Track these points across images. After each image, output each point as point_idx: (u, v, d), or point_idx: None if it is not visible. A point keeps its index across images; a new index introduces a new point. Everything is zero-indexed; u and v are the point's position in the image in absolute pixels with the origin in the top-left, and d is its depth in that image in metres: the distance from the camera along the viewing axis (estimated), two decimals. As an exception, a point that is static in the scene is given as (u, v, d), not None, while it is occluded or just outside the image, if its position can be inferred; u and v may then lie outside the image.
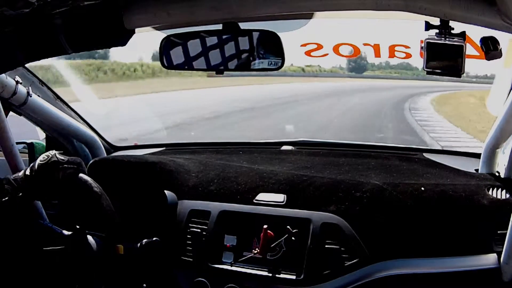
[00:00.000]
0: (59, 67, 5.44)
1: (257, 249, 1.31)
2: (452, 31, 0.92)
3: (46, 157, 1.21)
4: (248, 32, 1.13)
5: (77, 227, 1.26)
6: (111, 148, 1.98)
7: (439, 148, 5.96)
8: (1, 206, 1.19)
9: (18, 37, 0.99)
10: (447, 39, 0.93)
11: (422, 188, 1.32)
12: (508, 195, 1.29)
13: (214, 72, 1.21)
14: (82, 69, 12.19)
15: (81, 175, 1.23)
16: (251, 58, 1.16)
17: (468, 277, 1.20)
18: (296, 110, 11.03)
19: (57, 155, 1.22)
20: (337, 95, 13.91)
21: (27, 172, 1.22)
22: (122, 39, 1.07)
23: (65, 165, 1.21)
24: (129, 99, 11.33)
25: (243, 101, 11.90)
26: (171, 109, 10.14)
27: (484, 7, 0.83)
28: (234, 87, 13.75)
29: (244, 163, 1.61)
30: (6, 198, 1.19)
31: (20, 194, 1.20)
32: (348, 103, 12.67)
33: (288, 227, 1.30)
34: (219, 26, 1.10)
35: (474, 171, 1.49)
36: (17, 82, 1.43)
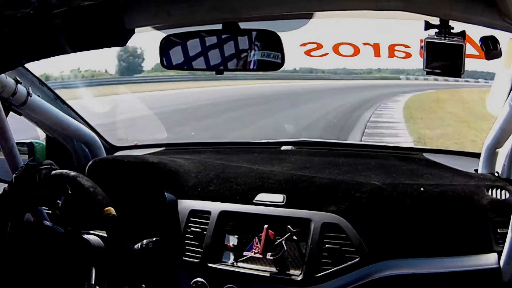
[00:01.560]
0: None
1: (257, 249, 1.31)
2: (452, 31, 0.92)
3: (19, 169, 1.28)
4: (248, 32, 1.13)
5: (68, 228, 1.27)
6: (111, 148, 1.98)
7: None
8: None
9: (18, 37, 0.99)
10: (447, 38, 0.92)
11: (422, 189, 1.32)
12: (508, 195, 1.29)
13: (214, 72, 1.21)
14: None
15: (54, 172, 1.28)
16: (250, 58, 1.16)
17: (468, 277, 1.20)
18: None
19: (29, 163, 1.28)
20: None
21: (7, 188, 1.27)
22: (122, 39, 1.07)
23: (39, 168, 1.27)
24: None
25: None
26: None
27: (484, 7, 0.83)
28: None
29: (244, 163, 1.61)
30: None
31: (8, 210, 1.26)
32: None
33: (288, 226, 1.30)
34: (219, 26, 1.10)
35: (474, 171, 1.49)
36: (17, 82, 1.43)
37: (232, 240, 1.38)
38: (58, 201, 1.37)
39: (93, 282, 1.26)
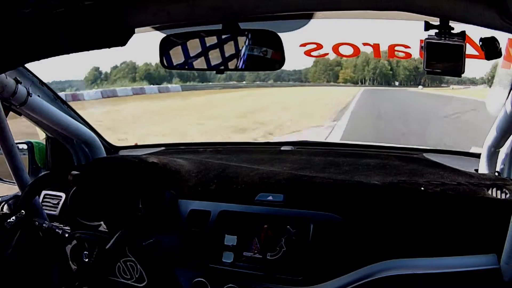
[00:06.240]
0: None
1: (257, 249, 1.31)
2: (452, 31, 0.92)
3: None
4: (248, 32, 1.13)
5: (67, 229, 1.28)
6: (111, 148, 1.98)
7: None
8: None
9: (19, 37, 0.99)
10: (447, 39, 0.92)
11: (422, 188, 1.32)
12: (508, 195, 1.29)
13: (214, 72, 1.21)
14: None
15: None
16: (251, 58, 1.16)
17: (468, 277, 1.20)
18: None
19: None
20: None
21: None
22: (122, 39, 1.07)
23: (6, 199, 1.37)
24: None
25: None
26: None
27: (484, 7, 0.83)
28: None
29: (244, 163, 1.61)
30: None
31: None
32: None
33: (288, 227, 1.30)
34: (219, 26, 1.10)
35: (474, 171, 1.49)
36: (17, 82, 1.43)
37: (232, 240, 1.37)
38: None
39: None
